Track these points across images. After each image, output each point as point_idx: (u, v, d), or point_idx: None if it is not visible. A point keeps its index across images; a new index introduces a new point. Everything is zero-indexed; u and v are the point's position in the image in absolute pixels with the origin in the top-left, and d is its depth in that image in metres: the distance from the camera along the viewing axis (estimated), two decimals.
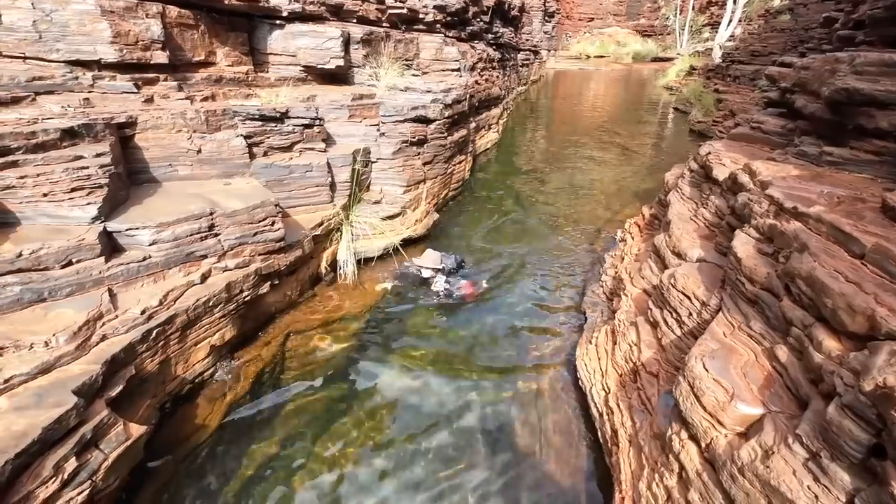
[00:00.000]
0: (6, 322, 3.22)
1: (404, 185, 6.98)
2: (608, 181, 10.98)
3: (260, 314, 5.06)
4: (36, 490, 2.55)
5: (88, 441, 2.89)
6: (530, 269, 6.77)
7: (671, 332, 3.54)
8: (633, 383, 3.61)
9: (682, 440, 2.45)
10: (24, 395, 2.87)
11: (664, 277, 3.87)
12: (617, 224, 8.19)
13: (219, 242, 4.34)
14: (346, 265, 6.11)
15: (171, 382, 3.95)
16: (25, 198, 3.59)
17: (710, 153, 5.42)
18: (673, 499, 2.42)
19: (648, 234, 6.33)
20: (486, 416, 4.13)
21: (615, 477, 3.14)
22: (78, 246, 3.56)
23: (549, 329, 5.41)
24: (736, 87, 16.33)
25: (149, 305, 3.71)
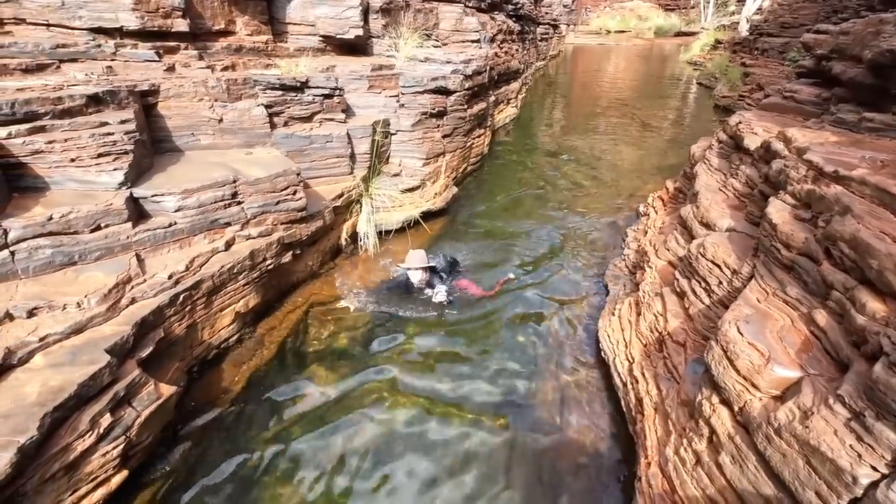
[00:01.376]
0: (40, 283, 3.28)
1: (423, 158, 6.91)
2: (629, 157, 10.77)
3: (282, 283, 5.10)
4: (74, 443, 2.62)
5: (122, 399, 2.96)
6: (549, 244, 6.70)
7: (699, 301, 3.47)
8: (658, 353, 3.57)
9: (714, 405, 2.42)
10: (59, 353, 2.94)
11: (692, 247, 3.78)
12: (638, 199, 8.04)
13: (242, 210, 4.36)
14: (366, 237, 6.11)
15: (198, 347, 4.02)
16: (54, 163, 3.62)
17: (740, 123, 5.25)
18: (702, 462, 2.40)
19: (672, 207, 6.20)
20: (505, 387, 4.13)
21: (639, 444, 3.13)
22: (106, 211, 3.59)
23: (568, 302, 5.36)
24: (764, 60, 15.75)
25: (175, 270, 3.75)
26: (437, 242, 6.54)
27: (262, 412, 3.80)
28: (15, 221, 3.25)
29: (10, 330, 2.96)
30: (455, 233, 6.88)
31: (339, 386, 4.06)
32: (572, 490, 3.30)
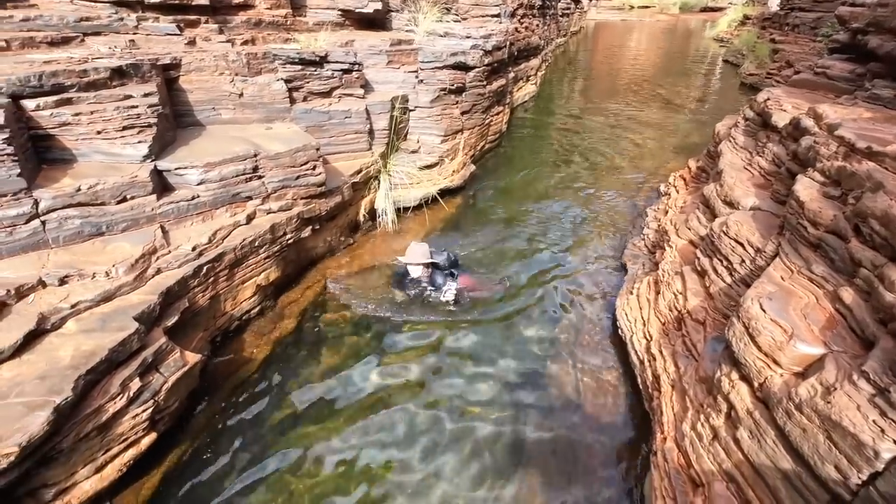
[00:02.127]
0: (70, 253, 3.37)
1: (442, 135, 6.87)
2: (650, 135, 10.55)
3: (302, 258, 5.16)
4: (105, 404, 2.73)
5: (150, 364, 3.06)
6: (567, 222, 6.65)
7: (720, 280, 3.43)
8: (676, 331, 3.56)
9: (733, 381, 2.41)
10: (89, 320, 3.04)
11: (715, 225, 3.73)
12: (659, 178, 7.91)
13: (263, 185, 4.40)
14: (384, 214, 6.13)
15: (220, 318, 4.12)
16: (81, 135, 3.68)
17: (768, 100, 5.10)
18: (720, 437, 2.41)
19: (694, 186, 6.09)
20: (523, 365, 4.16)
21: (655, 419, 3.14)
22: (131, 183, 3.66)
23: (586, 281, 5.35)
24: (794, 36, 15.17)
25: (199, 243, 3.82)
26: (454, 220, 6.54)
27: (283, 382, 3.90)
28: (45, 192, 3.34)
29: (42, 297, 3.06)
30: (472, 211, 6.87)
31: (356, 361, 4.12)
32: (587, 464, 3.34)
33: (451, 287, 4.70)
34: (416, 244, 4.85)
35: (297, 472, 3.23)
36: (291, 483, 3.16)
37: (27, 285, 3.03)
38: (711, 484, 2.34)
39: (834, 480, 1.76)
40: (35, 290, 3.07)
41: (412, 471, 3.25)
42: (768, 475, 2.07)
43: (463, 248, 5.80)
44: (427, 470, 3.25)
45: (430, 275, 4.83)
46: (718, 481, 2.33)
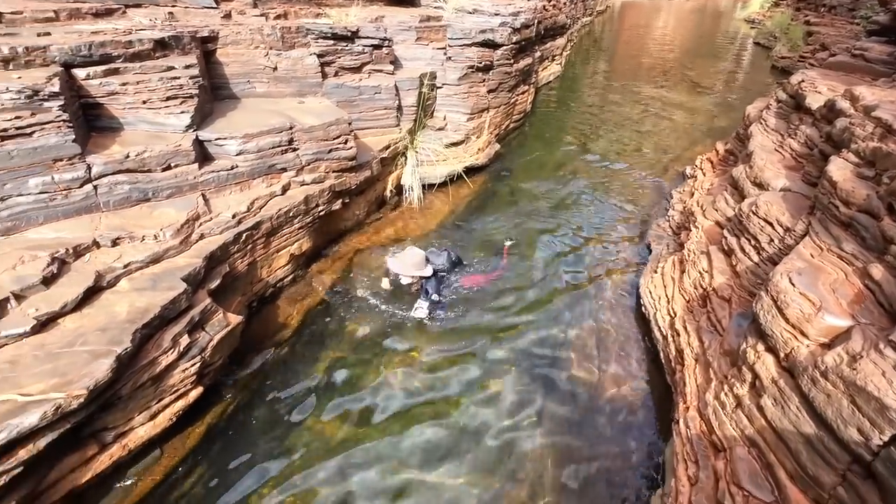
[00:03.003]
0: (120, 216, 3.55)
1: (468, 113, 6.91)
2: (677, 118, 10.42)
3: (332, 230, 5.31)
4: (159, 357, 2.92)
5: (197, 323, 3.24)
6: (591, 204, 6.68)
7: (748, 258, 3.49)
8: (701, 308, 3.63)
9: (759, 352, 2.49)
10: (141, 279, 3.22)
11: (744, 206, 3.76)
12: (685, 161, 7.86)
13: (297, 157, 4.52)
14: (410, 189, 6.23)
15: (257, 284, 4.29)
16: (127, 104, 3.83)
17: (803, 82, 5.04)
18: (743, 405, 2.50)
19: (722, 169, 6.07)
20: (544, 340, 4.26)
21: (678, 391, 3.24)
22: (175, 151, 3.81)
23: (608, 260, 5.41)
24: (830, 18, 14.70)
25: (238, 211, 3.97)
26: (478, 198, 6.62)
27: (315, 346, 4.06)
28: (97, 158, 3.50)
29: (97, 256, 3.24)
30: (496, 190, 6.93)
31: (383, 325, 4.28)
32: (608, 433, 3.47)
33: (423, 304, 4.31)
34: (410, 250, 4.41)
35: (327, 426, 3.42)
36: (323, 436, 3.35)
37: (83, 245, 3.22)
38: (733, 448, 2.44)
39: (856, 442, 1.85)
40: (90, 250, 3.26)
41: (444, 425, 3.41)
42: (790, 439, 2.16)
43: (485, 228, 5.89)
44: (462, 422, 3.41)
45: (423, 284, 4.44)
46: (740, 446, 2.43)
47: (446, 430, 3.42)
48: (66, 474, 2.61)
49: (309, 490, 3.02)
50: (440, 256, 4.70)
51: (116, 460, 2.82)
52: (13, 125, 3.09)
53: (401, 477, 3.12)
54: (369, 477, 3.11)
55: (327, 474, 3.12)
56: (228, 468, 3.12)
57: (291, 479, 3.07)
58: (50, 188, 3.29)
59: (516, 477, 3.14)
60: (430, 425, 3.46)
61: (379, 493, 3.02)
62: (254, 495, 2.98)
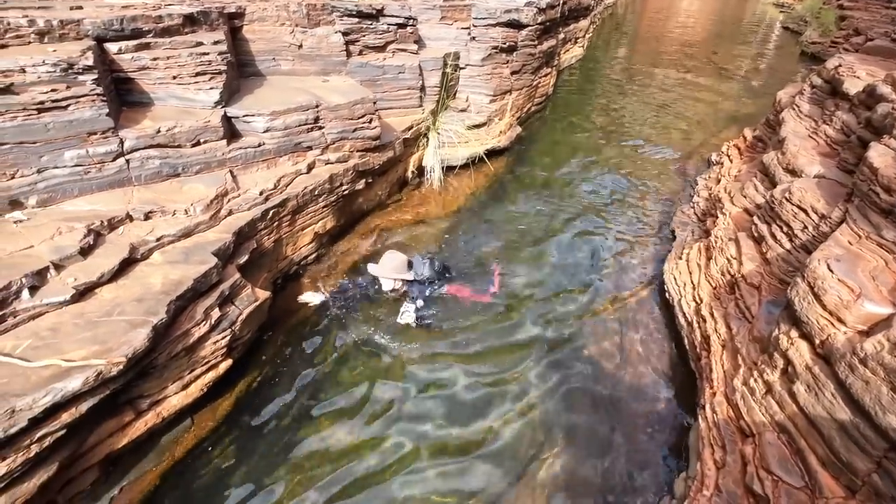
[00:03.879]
0: (151, 191, 3.60)
1: (491, 95, 6.84)
2: (701, 104, 10.21)
3: (354, 210, 5.33)
4: (192, 329, 2.98)
5: (227, 297, 3.29)
6: (613, 189, 6.61)
7: (779, 246, 3.43)
8: (729, 295, 3.60)
9: (792, 339, 2.47)
10: (173, 253, 3.28)
11: (776, 192, 3.69)
12: (710, 147, 7.72)
13: (323, 135, 4.53)
14: (431, 171, 6.21)
15: (282, 261, 4.34)
16: (158, 79, 3.85)
17: (839, 67, 4.90)
18: (774, 391, 2.49)
19: (750, 156, 5.95)
20: (562, 325, 4.26)
21: (704, 376, 3.23)
22: (205, 127, 3.83)
23: (631, 245, 5.37)
24: (865, 2, 14.18)
25: (265, 188, 4.00)
26: (499, 182, 6.58)
27: (335, 327, 4.10)
28: (129, 132, 3.54)
29: (131, 229, 3.30)
30: (517, 173, 6.88)
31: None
32: (630, 418, 3.48)
33: (409, 309, 4.07)
34: (390, 254, 4.20)
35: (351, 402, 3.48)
36: (347, 411, 3.41)
37: (117, 218, 3.27)
38: (762, 434, 2.44)
39: (894, 429, 1.84)
40: (124, 223, 3.31)
41: (461, 403, 3.45)
42: (824, 425, 2.15)
43: (507, 213, 5.86)
44: (479, 399, 3.45)
45: (405, 290, 4.23)
46: (770, 431, 2.42)
47: (465, 407, 3.46)
48: (104, 439, 2.70)
49: (331, 459, 3.09)
50: (424, 266, 4.29)
51: (151, 427, 2.91)
52: (49, 98, 3.13)
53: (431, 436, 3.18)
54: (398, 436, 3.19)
55: (352, 444, 3.19)
56: (255, 439, 3.20)
57: (315, 450, 3.14)
58: (84, 161, 3.34)
59: (536, 458, 3.18)
60: (445, 403, 3.50)
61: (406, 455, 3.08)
62: (279, 466, 3.05)
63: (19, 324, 2.57)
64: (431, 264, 4.35)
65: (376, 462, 3.09)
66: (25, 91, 3.05)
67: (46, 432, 2.28)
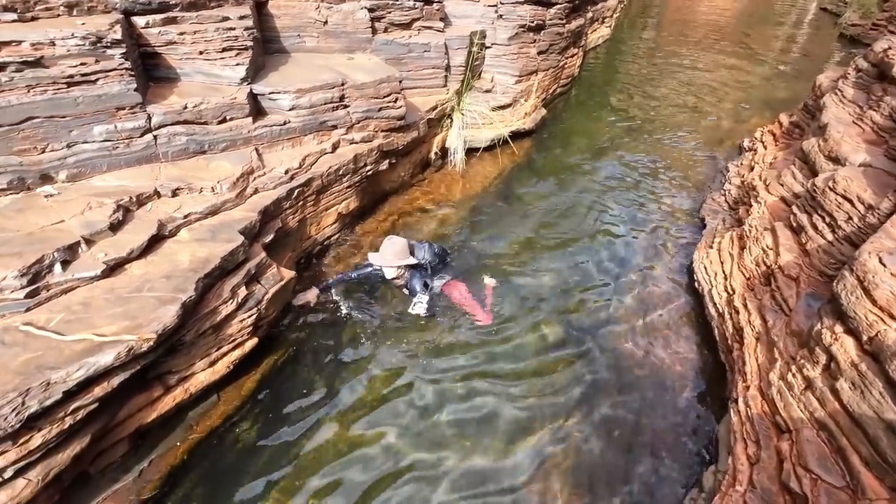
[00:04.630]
0: (178, 168, 3.58)
1: (517, 75, 6.68)
2: (732, 88, 9.87)
3: (377, 191, 5.28)
4: (219, 307, 2.98)
5: (253, 276, 3.29)
6: (640, 174, 6.45)
7: (820, 237, 3.30)
8: (764, 286, 3.48)
9: (837, 334, 2.37)
10: (200, 230, 3.27)
11: (818, 181, 3.54)
12: (742, 133, 7.47)
13: (348, 114, 4.46)
14: (455, 153, 6.12)
15: (306, 241, 4.33)
16: (185, 54, 3.80)
17: (889, 49, 4.64)
18: (814, 387, 2.40)
19: (786, 143, 5.74)
20: (589, 313, 4.19)
21: (736, 369, 3.15)
22: (231, 104, 3.79)
23: (658, 233, 5.25)
24: None
25: (291, 167, 3.96)
26: (523, 165, 6.47)
27: (358, 306, 4.08)
28: (156, 108, 3.51)
29: (158, 206, 3.29)
30: (541, 156, 6.75)
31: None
32: (654, 405, 3.43)
33: (422, 299, 3.84)
34: (390, 240, 3.87)
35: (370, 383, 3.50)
36: (366, 390, 3.44)
37: (145, 194, 3.27)
38: (800, 430, 2.36)
39: None
40: (152, 199, 3.31)
41: (493, 393, 3.43)
42: (869, 425, 2.07)
43: (530, 197, 5.76)
44: (506, 391, 3.43)
45: (409, 278, 3.95)
46: (808, 428, 2.35)
47: (485, 396, 3.44)
48: (134, 413, 2.73)
49: (355, 439, 3.10)
50: (421, 249, 4.04)
51: (179, 402, 2.94)
52: (79, 72, 3.11)
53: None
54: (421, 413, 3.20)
55: (371, 423, 3.20)
56: (279, 417, 3.22)
57: (338, 431, 3.15)
58: (113, 136, 3.33)
59: (561, 443, 3.15)
60: (462, 392, 3.48)
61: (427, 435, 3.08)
62: (301, 443, 3.08)
63: (52, 297, 2.59)
64: (432, 248, 4.12)
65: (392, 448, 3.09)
66: (55, 64, 3.03)
67: (80, 405, 2.30)
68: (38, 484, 2.21)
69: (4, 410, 2.04)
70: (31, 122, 3.04)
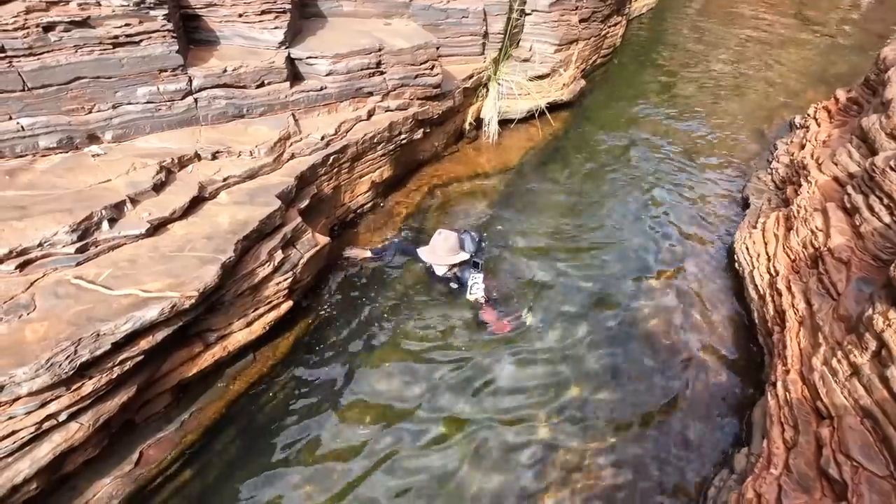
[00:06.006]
0: (217, 131, 3.62)
1: (556, 44, 6.45)
2: (785, 60, 9.32)
3: (410, 161, 5.24)
4: (256, 269, 3.05)
5: (289, 240, 3.34)
6: (681, 151, 6.21)
7: (876, 219, 3.12)
8: (810, 269, 3.34)
9: (890, 320, 2.26)
10: (238, 193, 3.32)
11: (878, 160, 3.33)
12: (793, 109, 7.09)
13: (384, 81, 4.40)
14: (489, 124, 6.00)
15: (339, 208, 4.36)
16: (224, 17, 3.79)
17: None
18: (861, 374, 2.31)
19: (842, 120, 5.41)
20: (625, 293, 4.11)
21: (776, 353, 3.06)
22: (269, 68, 3.78)
23: (698, 212, 5.08)
24: None
25: (326, 133, 3.95)
26: (559, 139, 6.31)
27: (393, 273, 4.12)
28: (197, 71, 3.53)
29: (199, 168, 3.35)
30: (579, 130, 6.57)
31: None
32: (686, 384, 3.38)
33: (478, 281, 3.61)
34: (440, 235, 3.65)
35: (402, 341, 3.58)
36: (397, 351, 3.51)
37: (186, 157, 3.33)
38: (843, 417, 2.29)
39: None
40: (192, 161, 3.36)
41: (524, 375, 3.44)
42: None
43: (566, 172, 5.63)
44: (537, 372, 3.43)
45: (461, 271, 3.79)
46: (851, 416, 2.27)
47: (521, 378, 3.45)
48: (176, 367, 2.84)
49: (385, 404, 3.16)
50: (468, 241, 3.86)
51: (217, 360, 3.04)
52: (123, 32, 3.13)
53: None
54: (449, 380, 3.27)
55: (400, 384, 3.27)
56: (311, 379, 3.31)
57: (368, 394, 3.22)
58: (156, 98, 3.37)
59: (592, 418, 3.15)
60: (507, 364, 3.49)
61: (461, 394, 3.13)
62: (333, 403, 3.17)
63: (100, 254, 2.68)
64: (472, 238, 3.94)
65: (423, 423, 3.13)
66: (101, 25, 3.06)
67: (126, 357, 2.41)
68: (89, 428, 2.34)
69: (59, 358, 2.15)
70: (78, 83, 3.10)
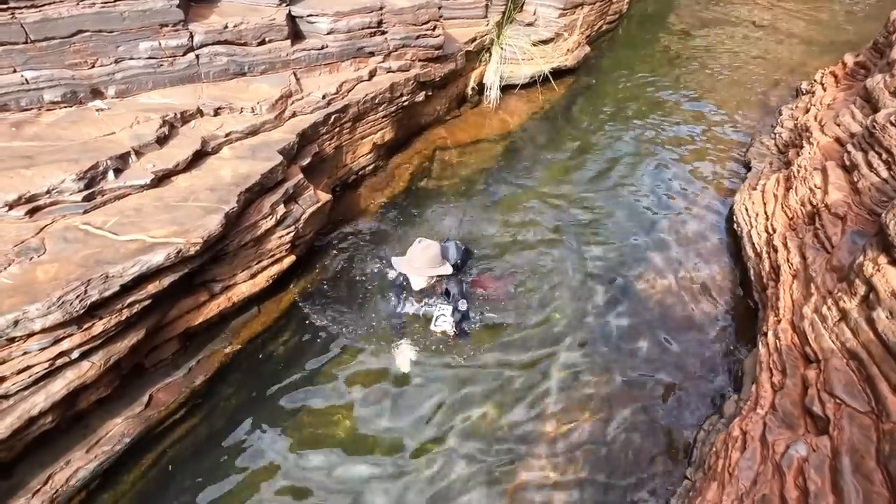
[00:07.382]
0: (219, 88, 3.64)
1: (561, 8, 6.37)
2: (794, 28, 9.15)
3: (412, 124, 5.25)
4: (259, 221, 3.10)
5: (291, 195, 3.38)
6: (685, 118, 6.17)
7: (874, 175, 3.14)
8: (807, 225, 3.37)
9: (879, 265, 2.30)
10: (241, 149, 3.36)
11: (879, 116, 3.32)
12: (800, 76, 7.01)
13: (385, 41, 4.39)
14: (491, 89, 5.98)
15: (341, 168, 4.39)
16: None
17: None
18: (848, 318, 2.37)
19: (848, 84, 5.35)
20: (624, 255, 4.15)
21: (769, 306, 3.11)
22: (270, 25, 3.78)
23: (700, 177, 5.09)
24: None
25: (328, 92, 3.96)
26: (562, 105, 6.28)
27: (395, 234, 4.17)
28: (198, 27, 3.53)
29: (201, 124, 3.39)
30: (583, 96, 6.52)
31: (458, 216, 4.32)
32: (680, 338, 3.45)
33: (446, 313, 3.23)
34: (420, 243, 3.19)
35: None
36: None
37: (189, 112, 3.36)
38: (829, 360, 2.35)
39: None
40: (195, 117, 3.40)
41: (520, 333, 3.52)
42: None
43: (568, 137, 5.62)
44: (534, 320, 3.51)
45: (445, 283, 3.37)
46: (838, 358, 2.33)
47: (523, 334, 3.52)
48: (183, 314, 2.93)
49: (381, 370, 3.24)
50: (451, 249, 3.52)
51: (222, 310, 3.12)
52: None
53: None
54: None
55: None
56: (311, 335, 3.37)
57: (367, 351, 3.30)
58: (158, 53, 3.39)
59: (588, 373, 3.23)
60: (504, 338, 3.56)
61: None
62: (334, 358, 3.25)
63: (107, 202, 2.75)
64: (457, 248, 3.57)
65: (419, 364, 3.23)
66: None
67: (135, 300, 2.48)
68: (100, 367, 2.43)
69: (69, 296, 2.22)
70: (81, 36, 3.12)
